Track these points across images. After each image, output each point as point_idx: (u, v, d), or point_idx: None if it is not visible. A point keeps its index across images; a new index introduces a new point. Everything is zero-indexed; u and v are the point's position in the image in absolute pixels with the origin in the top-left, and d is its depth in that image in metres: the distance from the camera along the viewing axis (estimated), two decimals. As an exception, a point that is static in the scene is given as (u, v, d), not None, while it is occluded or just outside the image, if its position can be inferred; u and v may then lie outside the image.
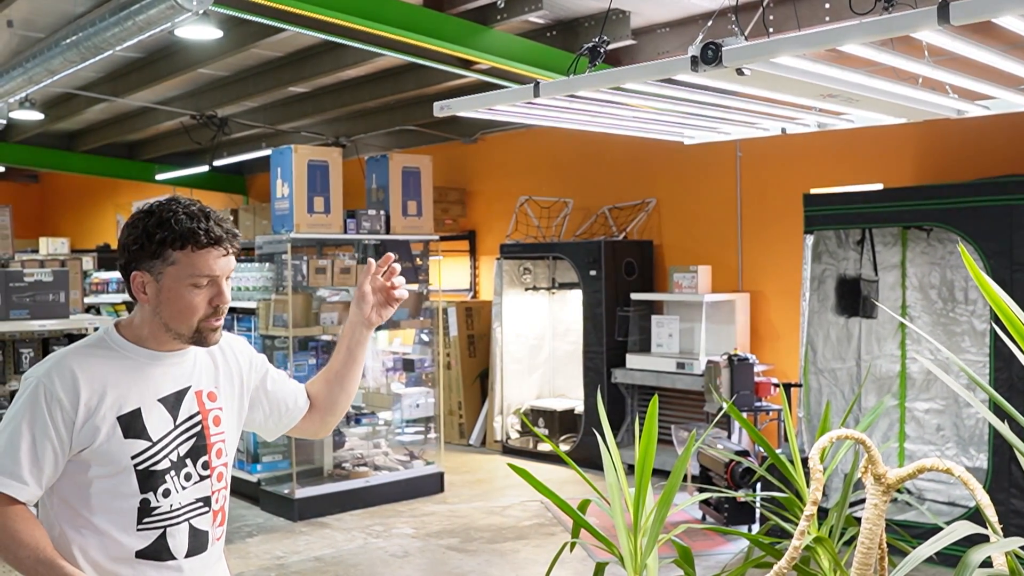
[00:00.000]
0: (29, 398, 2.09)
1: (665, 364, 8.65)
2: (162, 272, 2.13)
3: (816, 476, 1.91)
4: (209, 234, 2.12)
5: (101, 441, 2.11)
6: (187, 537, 2.22)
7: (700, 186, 9.17)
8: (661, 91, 3.93)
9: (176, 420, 2.21)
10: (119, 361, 2.18)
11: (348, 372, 2.56)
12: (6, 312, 4.91)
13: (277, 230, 7.75)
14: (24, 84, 7.14)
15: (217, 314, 2.18)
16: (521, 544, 6.80)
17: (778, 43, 3.23)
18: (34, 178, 19.54)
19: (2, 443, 2.09)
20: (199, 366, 2.30)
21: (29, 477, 2.08)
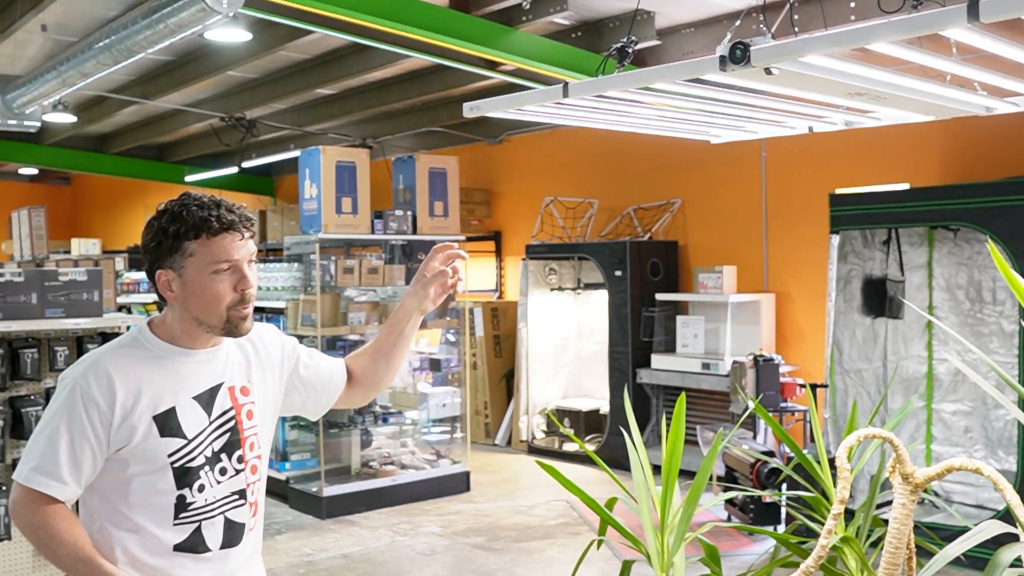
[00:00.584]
0: (66, 400, 2.13)
1: (690, 364, 8.65)
2: (183, 266, 2.16)
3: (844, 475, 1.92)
4: (221, 220, 2.14)
5: (138, 441, 2.14)
6: (222, 529, 2.25)
7: (725, 186, 9.16)
8: (689, 91, 3.94)
9: (210, 417, 2.23)
10: (153, 360, 2.21)
11: (396, 350, 2.57)
12: (41, 311, 4.98)
13: (305, 230, 7.81)
14: (58, 87, 7.24)
15: (244, 301, 2.20)
16: (547, 543, 6.82)
17: (807, 42, 3.24)
18: (66, 180, 19.75)
19: (41, 444, 2.13)
20: (231, 361, 2.32)
21: (68, 477, 2.11)
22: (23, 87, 7.69)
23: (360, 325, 7.91)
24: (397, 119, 11.59)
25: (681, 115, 4.66)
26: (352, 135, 12.05)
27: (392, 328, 2.56)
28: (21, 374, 4.99)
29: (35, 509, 2.12)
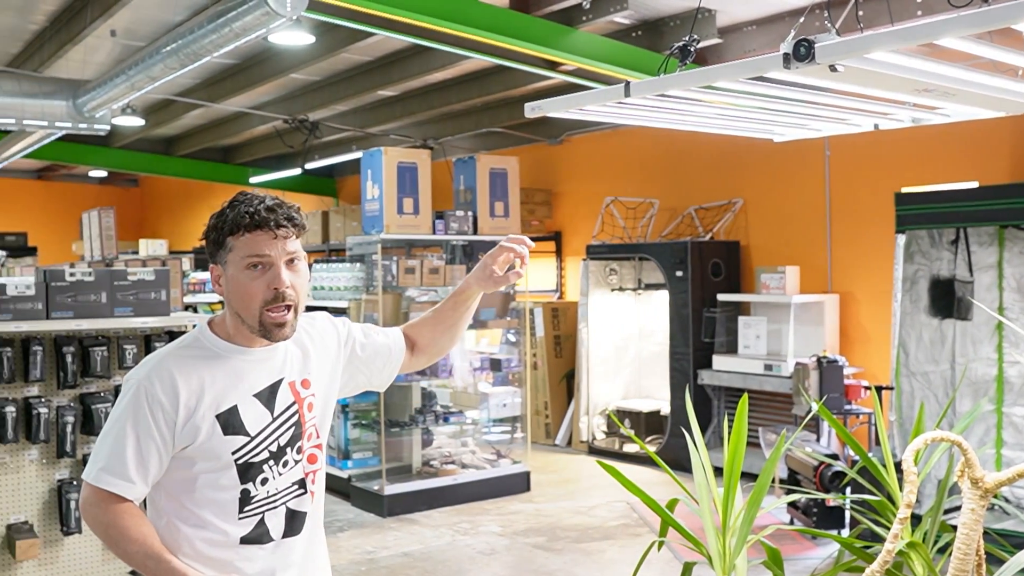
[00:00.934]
0: (131, 401, 2.17)
1: (752, 366, 8.56)
2: (226, 261, 2.22)
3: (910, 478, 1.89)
4: (255, 216, 2.16)
5: (202, 439, 2.18)
6: (284, 519, 2.28)
7: (788, 185, 9.06)
8: (751, 89, 3.90)
9: (273, 413, 2.27)
10: (214, 360, 2.25)
11: (459, 320, 2.63)
12: (111, 310, 5.07)
13: (367, 231, 7.88)
14: (126, 91, 7.38)
15: (278, 300, 2.19)
16: (607, 544, 6.80)
17: (873, 38, 3.18)
18: (134, 182, 20.16)
19: (108, 445, 2.18)
20: (289, 357, 2.34)
21: (136, 476, 2.16)
22: (93, 91, 7.85)
23: (421, 325, 7.95)
24: (458, 120, 11.64)
25: (743, 113, 4.61)
26: (413, 136, 12.13)
27: (457, 302, 2.60)
28: (91, 371, 5.09)
29: (105, 508, 2.17)
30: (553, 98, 4.41)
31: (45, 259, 16.93)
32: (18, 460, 5.08)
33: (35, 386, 5.09)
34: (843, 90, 3.99)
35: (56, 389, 5.12)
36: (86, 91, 8.04)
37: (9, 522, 5.06)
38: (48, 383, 5.11)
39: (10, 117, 8.07)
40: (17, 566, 5.05)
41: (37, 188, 18.96)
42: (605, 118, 5.26)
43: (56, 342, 5.10)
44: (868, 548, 3.33)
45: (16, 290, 4.89)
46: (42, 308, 4.91)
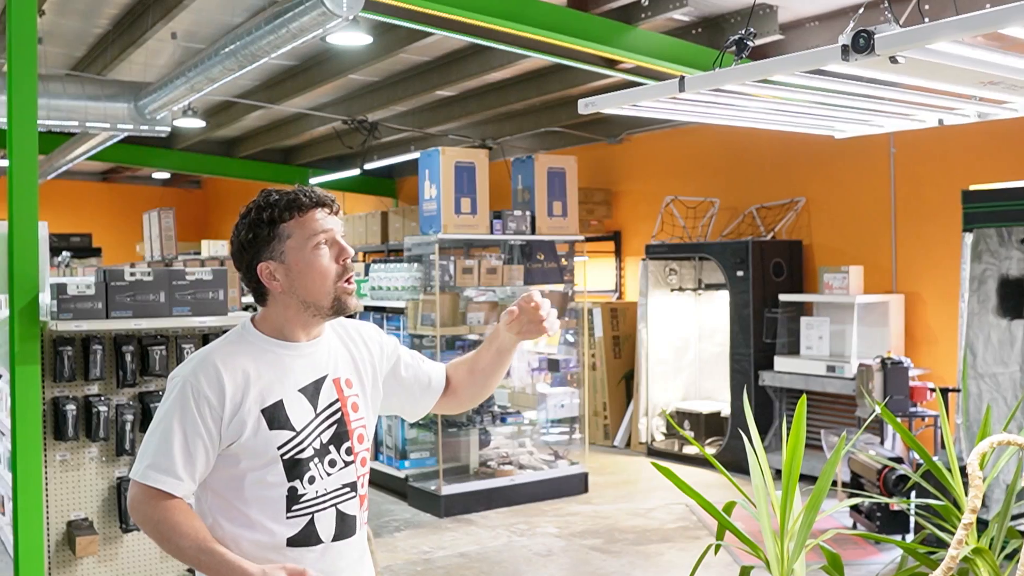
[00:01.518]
0: (178, 397, 2.17)
1: (815, 367, 8.41)
2: (283, 251, 2.21)
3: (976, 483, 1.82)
4: (309, 195, 2.21)
5: (248, 435, 2.17)
6: (334, 521, 2.27)
7: (851, 183, 8.88)
8: (810, 83, 3.81)
9: (316, 408, 2.26)
10: (259, 355, 2.25)
11: (494, 372, 2.58)
12: (169, 309, 5.13)
13: (425, 231, 7.89)
14: (187, 92, 7.47)
15: (347, 272, 2.23)
16: (666, 547, 6.72)
17: (935, 28, 3.08)
18: (197, 184, 20.47)
19: (155, 442, 2.17)
20: (334, 354, 2.35)
21: (183, 473, 2.15)
22: (154, 93, 7.96)
23: (479, 325, 7.94)
24: (516, 120, 11.62)
25: (803, 109, 4.50)
26: (472, 136, 12.13)
27: (487, 346, 2.56)
28: (150, 370, 5.15)
29: (154, 505, 2.16)
30: (607, 94, 4.36)
31: (109, 260, 17.25)
32: (78, 458, 5.15)
33: (95, 385, 5.16)
34: (906, 84, 3.88)
35: (115, 388, 5.19)
36: (147, 93, 8.16)
37: (69, 519, 5.14)
38: (108, 382, 5.18)
39: (74, 120, 8.22)
40: (77, 562, 5.13)
41: (102, 190, 19.34)
42: (659, 114, 5.19)
43: (116, 341, 5.16)
44: (932, 554, 3.23)
45: (77, 290, 4.96)
46: (102, 307, 4.97)
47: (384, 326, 8.36)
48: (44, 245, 5.23)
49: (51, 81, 8.23)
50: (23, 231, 5.05)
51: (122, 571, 5.25)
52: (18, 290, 4.99)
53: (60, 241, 15.91)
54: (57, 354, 5.03)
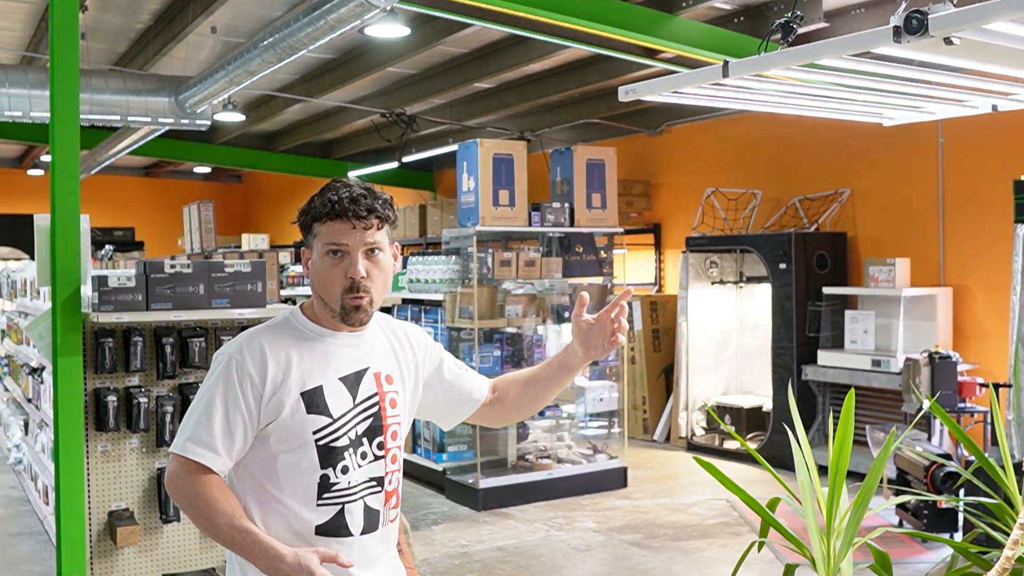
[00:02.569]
0: (222, 372, 2.19)
1: (859, 362, 8.27)
2: (313, 246, 2.26)
3: (1034, 479, 1.74)
4: (336, 205, 2.19)
5: (285, 416, 2.18)
6: (362, 514, 2.27)
7: (898, 174, 8.72)
8: (858, 67, 3.70)
9: (355, 399, 2.26)
10: (302, 340, 2.27)
11: (548, 389, 2.56)
12: (208, 301, 5.13)
13: (463, 223, 7.85)
14: (226, 86, 7.48)
15: (353, 290, 2.20)
16: (706, 543, 6.63)
17: (992, 7, 2.96)
18: (238, 178, 20.61)
19: (196, 415, 2.19)
20: (377, 349, 2.35)
21: (221, 448, 2.16)
22: (194, 87, 7.99)
23: (517, 318, 7.89)
24: (555, 112, 11.55)
25: (850, 95, 4.39)
26: (510, 128, 12.08)
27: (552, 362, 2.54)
28: (189, 362, 5.16)
29: (191, 480, 2.16)
30: (648, 81, 4.28)
31: (152, 253, 17.42)
32: (119, 448, 5.17)
33: (135, 376, 5.17)
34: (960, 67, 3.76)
35: (155, 379, 5.20)
36: (187, 87, 8.19)
37: (111, 509, 5.16)
38: (148, 373, 5.19)
39: (115, 114, 8.27)
40: (118, 552, 5.14)
41: (144, 184, 19.52)
42: (702, 101, 5.11)
43: (156, 333, 5.17)
44: (984, 554, 3.13)
45: (117, 282, 4.98)
46: (142, 300, 4.99)
47: (422, 319, 8.33)
48: (86, 238, 5.25)
49: (93, 76, 8.29)
50: (65, 224, 5.07)
51: (162, 561, 5.27)
52: (60, 282, 5.02)
53: (103, 235, 16.09)
54: (98, 346, 5.05)
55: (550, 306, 8.15)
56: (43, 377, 6.62)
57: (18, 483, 8.43)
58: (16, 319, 8.33)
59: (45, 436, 6.70)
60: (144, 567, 5.22)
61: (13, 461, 8.67)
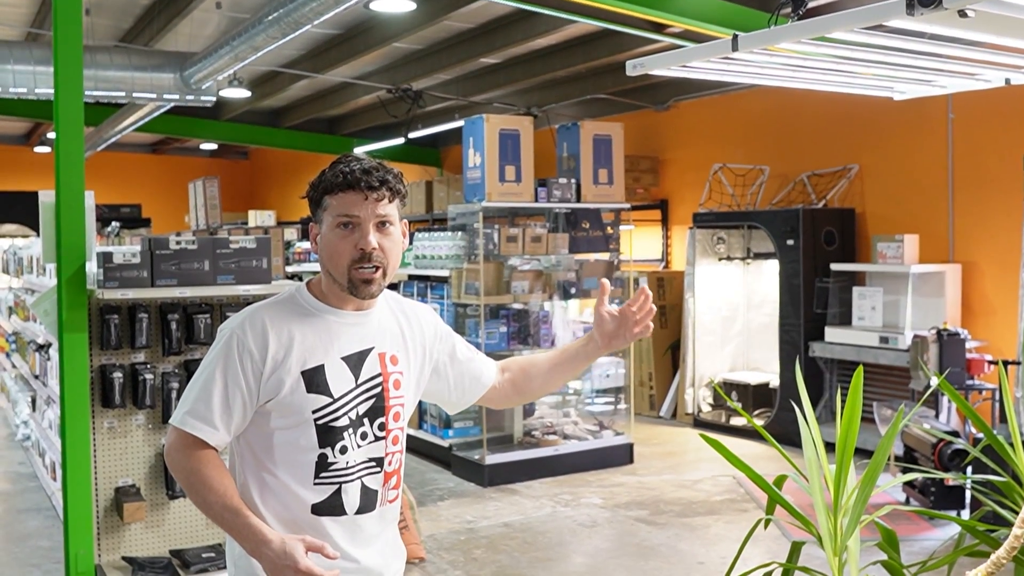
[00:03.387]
0: (223, 348, 2.19)
1: (867, 338, 8.24)
2: (322, 220, 2.23)
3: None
4: (348, 176, 2.17)
5: (285, 394, 2.17)
6: (359, 494, 2.26)
7: (907, 150, 8.65)
8: (870, 40, 3.65)
9: (357, 379, 2.24)
10: (307, 318, 2.24)
11: (562, 375, 2.58)
12: (213, 277, 5.12)
13: (469, 199, 7.82)
14: (231, 62, 7.44)
15: (363, 260, 2.18)
16: (712, 519, 6.63)
17: (1006, -20, 2.92)
18: (244, 154, 20.57)
19: (196, 390, 2.18)
20: (383, 329, 2.33)
21: (219, 422, 2.16)
22: (199, 63, 7.95)
23: (523, 294, 7.87)
24: (561, 87, 11.49)
25: (861, 69, 4.34)
26: (517, 104, 12.01)
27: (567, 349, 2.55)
28: (195, 338, 5.16)
29: (188, 454, 2.16)
30: (656, 55, 4.23)
31: (159, 230, 17.42)
32: (125, 425, 5.17)
33: (141, 353, 5.17)
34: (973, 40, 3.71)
35: (161, 356, 5.20)
36: (192, 63, 8.15)
37: (117, 485, 5.17)
38: (153, 350, 5.19)
39: (121, 90, 8.24)
40: (125, 528, 5.16)
41: (151, 161, 19.49)
42: (711, 76, 5.05)
43: (161, 309, 5.17)
44: (992, 532, 3.12)
45: (123, 258, 4.97)
46: (147, 276, 4.98)
47: (428, 295, 8.32)
48: (90, 214, 5.24)
49: (98, 52, 8.25)
50: (70, 200, 5.06)
51: (169, 536, 5.28)
52: (65, 259, 5.01)
53: (110, 212, 16.10)
54: (104, 322, 5.04)
55: (556, 282, 8.13)
56: (49, 354, 6.63)
57: (26, 459, 8.47)
58: (23, 296, 8.34)
59: (52, 412, 6.72)
60: (151, 543, 5.24)
61: (21, 437, 8.70)
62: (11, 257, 9.38)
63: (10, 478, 7.97)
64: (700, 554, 5.92)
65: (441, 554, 5.98)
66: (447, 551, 6.04)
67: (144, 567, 4.99)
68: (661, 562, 5.79)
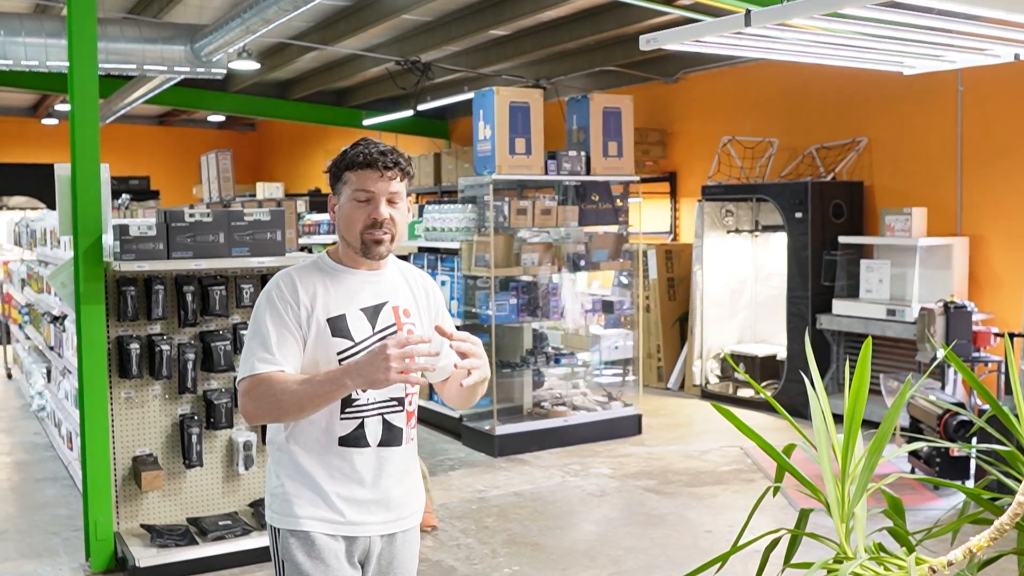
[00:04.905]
0: (266, 303, 2.53)
1: (874, 311, 8.28)
2: (341, 192, 2.59)
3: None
4: (367, 156, 2.52)
5: (313, 337, 2.51)
6: (381, 429, 2.57)
7: (916, 123, 8.66)
8: (882, 16, 3.68)
9: (374, 328, 2.57)
10: (328, 277, 2.60)
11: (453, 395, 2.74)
12: (228, 250, 5.18)
13: (479, 171, 7.85)
14: (241, 34, 7.47)
15: (375, 227, 2.52)
16: (719, 488, 6.71)
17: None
18: (251, 127, 20.56)
19: (255, 344, 2.49)
20: (395, 286, 2.67)
21: (280, 359, 2.46)
22: (209, 35, 7.97)
23: (533, 266, 7.92)
24: (571, 59, 11.47)
25: (872, 44, 4.36)
26: (526, 76, 12.01)
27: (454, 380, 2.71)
28: (210, 310, 5.23)
29: (256, 385, 2.43)
30: (669, 30, 4.26)
31: (167, 202, 17.45)
32: (142, 395, 5.25)
33: (157, 324, 5.25)
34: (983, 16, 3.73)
35: (177, 327, 5.27)
36: (203, 35, 8.17)
37: (135, 454, 5.26)
38: (169, 321, 5.26)
39: (131, 63, 8.26)
40: (143, 496, 5.25)
41: (159, 133, 19.51)
42: (722, 50, 5.08)
43: (177, 281, 5.23)
44: (996, 500, 3.18)
45: (139, 231, 5.02)
46: (163, 248, 5.04)
47: (438, 267, 8.37)
48: (106, 187, 5.30)
49: (109, 25, 8.27)
50: (86, 173, 5.11)
51: (186, 505, 5.38)
52: (82, 231, 5.07)
53: (119, 184, 16.12)
54: (120, 294, 5.11)
55: (566, 254, 8.17)
56: (65, 325, 6.70)
57: (41, 429, 8.57)
58: (36, 268, 8.41)
59: (68, 383, 6.80)
60: (168, 511, 5.33)
61: (36, 408, 8.80)
62: (24, 229, 9.44)
63: (26, 448, 8.08)
64: (707, 523, 6.01)
65: (453, 522, 6.07)
66: (459, 519, 6.13)
67: (162, 534, 5.09)
68: (669, 530, 5.88)
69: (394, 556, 2.64)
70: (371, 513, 2.56)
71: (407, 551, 2.68)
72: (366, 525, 2.56)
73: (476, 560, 5.42)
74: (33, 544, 5.70)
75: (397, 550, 2.64)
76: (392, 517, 2.60)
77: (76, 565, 5.30)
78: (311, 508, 2.51)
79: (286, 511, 2.53)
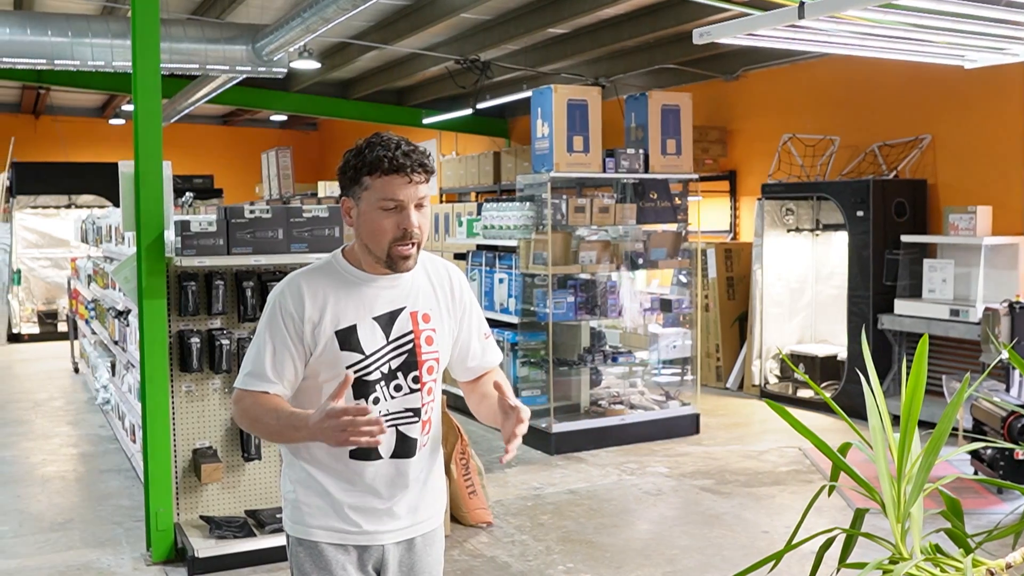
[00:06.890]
0: (268, 314, 2.41)
1: (937, 311, 8.13)
2: (360, 197, 2.36)
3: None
4: (393, 161, 2.29)
5: (320, 351, 2.38)
6: (394, 441, 2.44)
7: (982, 119, 8.48)
8: (941, 7, 3.61)
9: (389, 337, 2.42)
10: (340, 282, 2.42)
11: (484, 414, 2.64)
12: (287, 246, 5.24)
13: (537, 169, 7.86)
14: (301, 33, 7.56)
15: (405, 238, 2.34)
16: (777, 489, 6.64)
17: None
18: (313, 126, 20.81)
19: (253, 354, 2.41)
20: (416, 289, 2.49)
21: (273, 377, 2.37)
22: (271, 35, 8.08)
23: (591, 264, 7.90)
24: (629, 57, 11.44)
25: (931, 36, 4.28)
26: (584, 74, 11.99)
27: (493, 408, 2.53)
28: (269, 305, 5.29)
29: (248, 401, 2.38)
30: (722, 23, 4.22)
31: (230, 200, 17.69)
32: (203, 389, 5.34)
33: (218, 319, 5.33)
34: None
35: (237, 322, 5.35)
36: (264, 35, 8.29)
37: (195, 447, 5.35)
38: (229, 316, 5.35)
39: (194, 63, 8.41)
40: (203, 488, 5.34)
41: (222, 133, 19.83)
42: (777, 44, 5.02)
43: (237, 276, 5.31)
44: (1061, 503, 3.10)
45: (200, 227, 5.11)
46: (223, 244, 5.12)
47: (496, 265, 8.39)
48: (168, 184, 5.39)
49: (172, 25, 8.43)
50: (148, 170, 5.21)
51: (245, 497, 5.46)
52: (144, 227, 5.17)
53: (183, 183, 16.40)
54: (182, 289, 5.21)
55: (624, 253, 8.15)
56: (128, 320, 6.84)
57: (106, 422, 8.76)
58: (102, 264, 8.59)
59: (131, 377, 6.94)
60: (227, 503, 5.41)
61: (101, 401, 8.99)
62: (90, 227, 9.64)
63: (91, 440, 8.26)
64: (764, 523, 5.95)
65: (508, 519, 6.08)
66: (514, 516, 6.14)
67: (221, 526, 5.17)
68: (725, 530, 5.83)
69: (415, 562, 2.53)
70: (384, 523, 2.46)
71: (429, 555, 2.57)
72: (380, 534, 2.47)
73: (530, 557, 5.43)
74: (96, 534, 5.83)
75: (417, 555, 2.54)
76: (407, 524, 2.50)
77: (137, 555, 5.41)
78: (321, 518, 2.44)
79: (297, 519, 2.47)
